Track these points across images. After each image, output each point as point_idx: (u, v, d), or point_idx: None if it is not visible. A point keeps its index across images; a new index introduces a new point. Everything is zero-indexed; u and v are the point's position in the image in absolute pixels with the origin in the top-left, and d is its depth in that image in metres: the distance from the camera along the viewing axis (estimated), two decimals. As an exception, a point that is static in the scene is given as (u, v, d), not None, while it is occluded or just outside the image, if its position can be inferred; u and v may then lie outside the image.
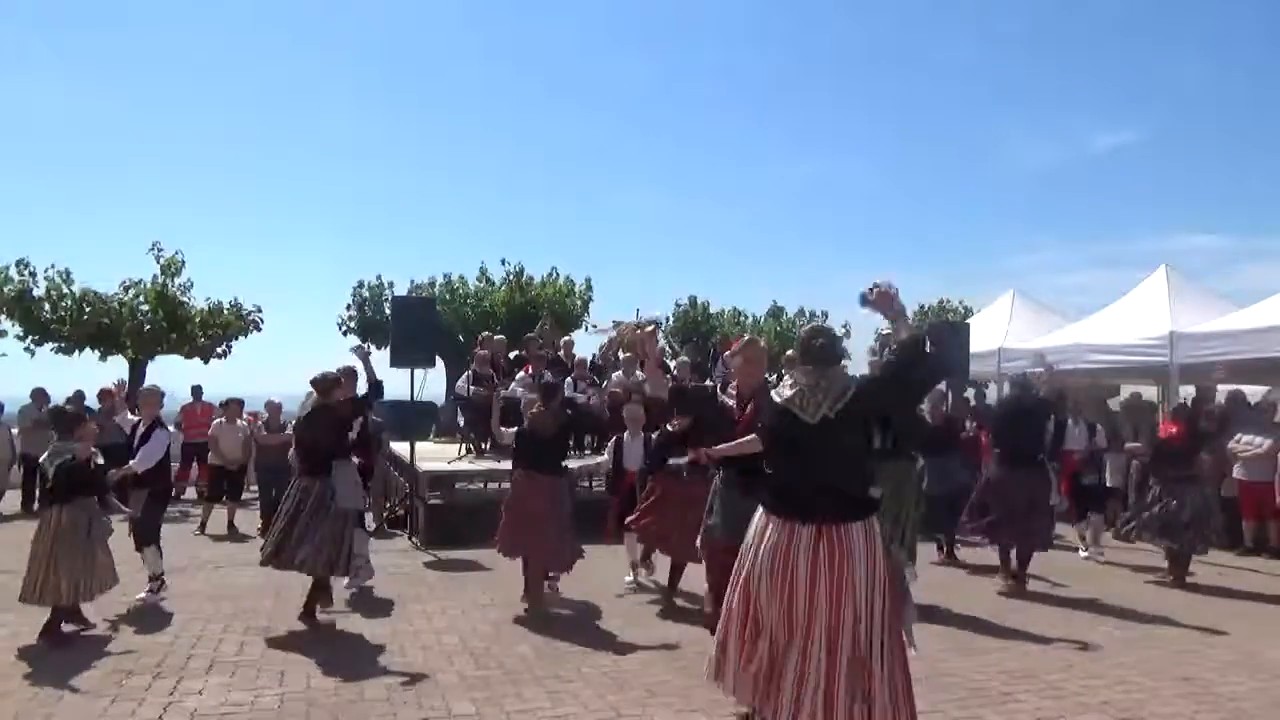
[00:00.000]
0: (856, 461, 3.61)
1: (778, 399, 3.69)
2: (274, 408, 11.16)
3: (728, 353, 5.13)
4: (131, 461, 6.87)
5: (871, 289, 3.45)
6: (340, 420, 6.63)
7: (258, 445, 10.91)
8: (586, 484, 9.89)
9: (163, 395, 7.63)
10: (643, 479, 7.61)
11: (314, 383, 6.58)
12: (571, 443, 9.42)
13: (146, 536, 7.04)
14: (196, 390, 13.23)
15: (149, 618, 6.43)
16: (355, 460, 7.01)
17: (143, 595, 6.90)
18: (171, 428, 7.88)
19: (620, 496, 7.83)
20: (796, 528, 3.46)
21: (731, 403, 4.90)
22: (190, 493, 13.29)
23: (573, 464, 8.03)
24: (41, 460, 6.26)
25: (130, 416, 7.29)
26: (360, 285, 21.85)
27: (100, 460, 6.28)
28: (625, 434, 7.97)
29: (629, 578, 7.58)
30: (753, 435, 4.28)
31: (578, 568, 6.99)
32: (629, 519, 7.05)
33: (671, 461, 6.68)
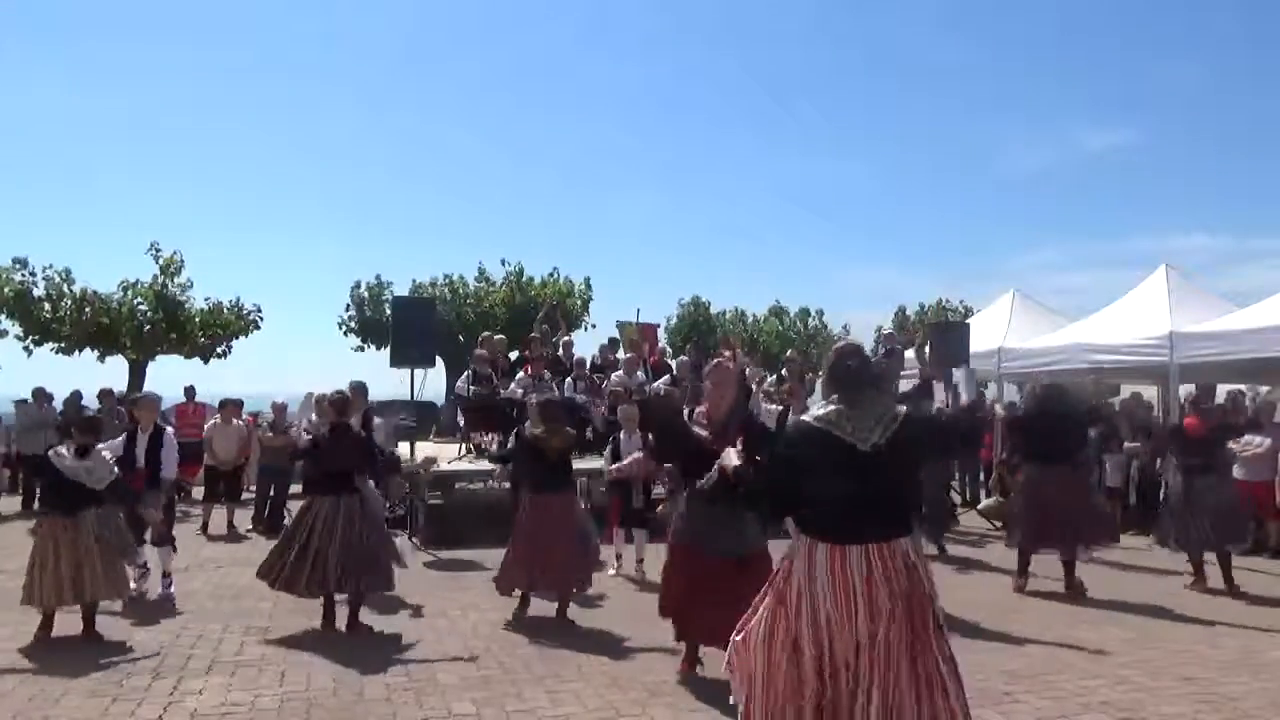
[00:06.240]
0: (909, 483, 3.53)
1: (811, 421, 3.45)
2: (278, 408, 11.18)
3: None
4: (162, 473, 7.01)
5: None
6: (362, 439, 6.62)
7: (261, 445, 10.90)
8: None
9: (160, 401, 7.72)
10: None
11: (332, 403, 6.43)
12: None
13: (162, 536, 7.12)
14: (189, 391, 13.27)
15: (149, 617, 6.43)
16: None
17: (160, 591, 7.00)
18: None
19: (619, 496, 8.05)
20: (847, 550, 3.29)
21: (704, 434, 4.69)
22: (195, 493, 13.30)
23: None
24: (84, 466, 5.88)
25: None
26: (359, 285, 21.81)
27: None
28: (621, 433, 8.07)
29: (611, 570, 7.82)
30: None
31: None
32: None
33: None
